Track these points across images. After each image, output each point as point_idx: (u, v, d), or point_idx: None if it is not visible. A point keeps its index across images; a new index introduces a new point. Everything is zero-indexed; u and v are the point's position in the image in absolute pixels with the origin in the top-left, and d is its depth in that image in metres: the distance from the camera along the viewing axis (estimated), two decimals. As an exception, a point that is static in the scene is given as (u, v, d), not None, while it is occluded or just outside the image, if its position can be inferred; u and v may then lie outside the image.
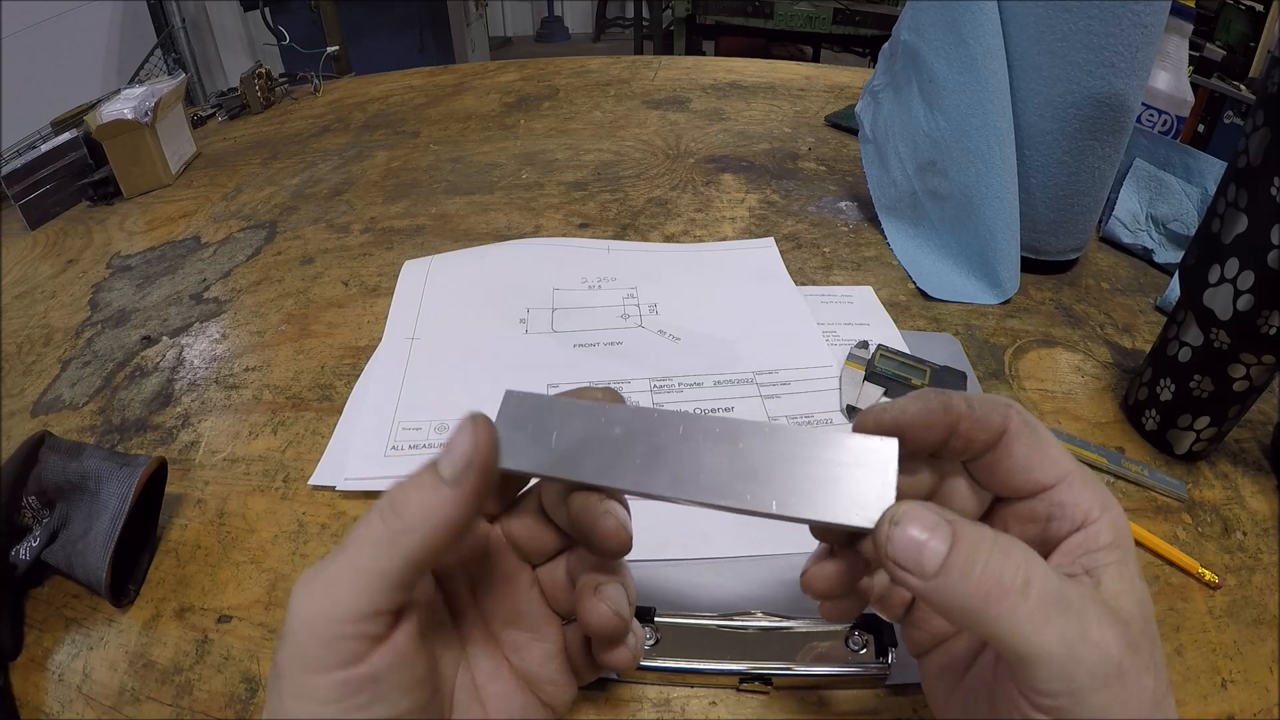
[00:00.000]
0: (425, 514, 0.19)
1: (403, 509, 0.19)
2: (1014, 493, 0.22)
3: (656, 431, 0.22)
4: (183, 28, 1.94)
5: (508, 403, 0.22)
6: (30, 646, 0.33)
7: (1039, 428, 0.22)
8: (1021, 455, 0.22)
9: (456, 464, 0.20)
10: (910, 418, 0.22)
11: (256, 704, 0.31)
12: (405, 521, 0.19)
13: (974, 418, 0.22)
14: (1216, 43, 1.35)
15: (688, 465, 0.21)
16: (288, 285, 0.57)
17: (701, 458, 0.21)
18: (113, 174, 0.71)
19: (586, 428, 0.22)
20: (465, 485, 0.19)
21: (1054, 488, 0.21)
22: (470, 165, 0.74)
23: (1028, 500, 0.22)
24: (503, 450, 0.21)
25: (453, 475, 0.19)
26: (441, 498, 0.19)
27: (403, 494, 0.19)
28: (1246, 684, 0.31)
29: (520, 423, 0.22)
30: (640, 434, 0.22)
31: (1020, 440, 0.22)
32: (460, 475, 0.19)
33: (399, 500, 0.19)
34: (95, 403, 0.47)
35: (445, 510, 0.19)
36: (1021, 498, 0.22)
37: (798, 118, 0.85)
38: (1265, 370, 0.37)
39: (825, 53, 2.32)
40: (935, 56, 0.55)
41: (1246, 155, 0.34)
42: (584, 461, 0.22)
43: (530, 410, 0.22)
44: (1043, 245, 0.56)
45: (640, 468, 0.21)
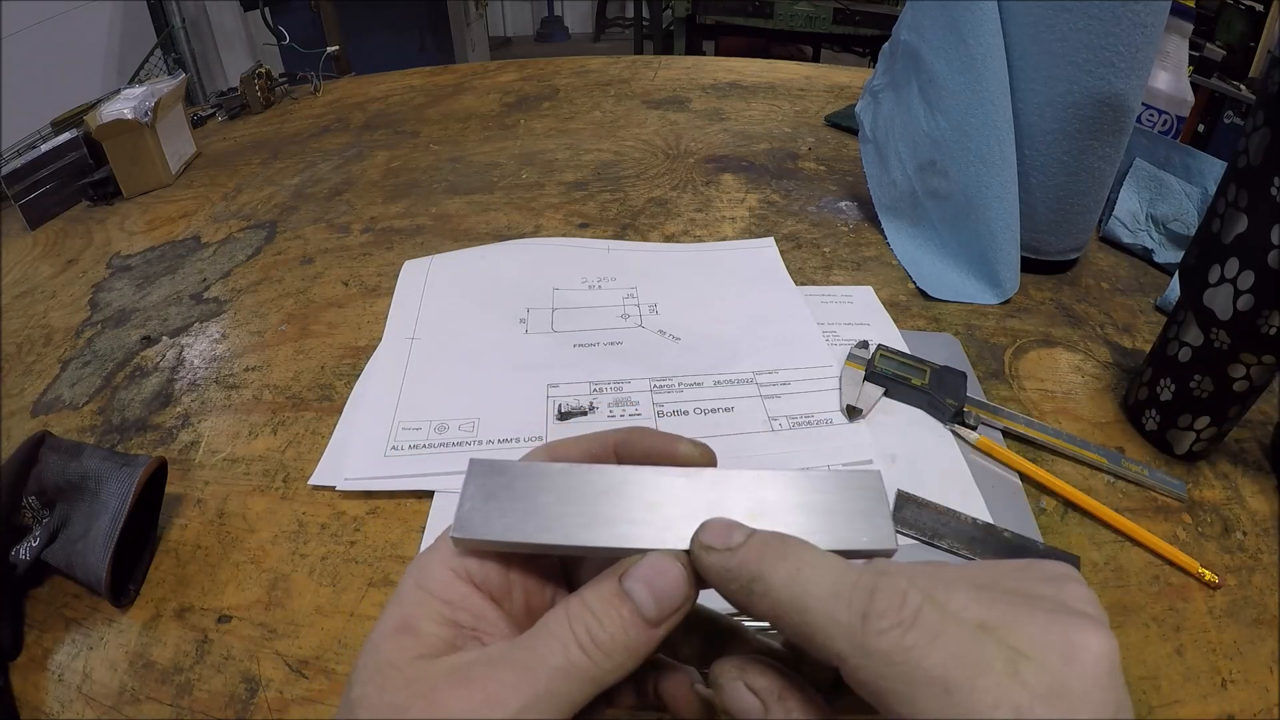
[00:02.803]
0: (629, 653, 0.19)
1: (606, 646, 0.18)
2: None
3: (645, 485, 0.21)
4: (183, 28, 1.94)
5: (474, 472, 0.21)
6: (30, 646, 0.33)
7: (932, 684, 0.16)
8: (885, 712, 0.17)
9: (664, 608, 0.19)
10: (710, 581, 0.20)
11: (256, 704, 0.31)
12: (611, 660, 0.18)
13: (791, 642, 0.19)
14: (1216, 43, 1.35)
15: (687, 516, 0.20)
16: (288, 285, 0.57)
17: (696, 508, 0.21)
18: (113, 174, 0.71)
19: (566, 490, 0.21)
20: (668, 625, 0.19)
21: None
22: (470, 165, 0.74)
23: None
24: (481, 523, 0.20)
25: (658, 617, 0.19)
26: (645, 636, 0.19)
27: (602, 630, 0.19)
28: (1246, 684, 0.31)
29: (492, 493, 0.21)
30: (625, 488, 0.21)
31: (893, 701, 0.16)
32: (665, 617, 0.19)
33: (599, 636, 0.18)
34: (95, 403, 0.47)
35: (647, 647, 0.19)
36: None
37: (798, 118, 0.85)
38: (1265, 370, 0.37)
39: (825, 53, 2.32)
40: (935, 56, 0.55)
41: (1246, 155, 0.34)
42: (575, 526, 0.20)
43: (501, 479, 0.21)
44: (1043, 245, 0.56)
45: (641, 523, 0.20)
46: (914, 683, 0.16)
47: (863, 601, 0.16)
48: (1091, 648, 0.16)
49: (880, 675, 0.16)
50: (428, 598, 0.20)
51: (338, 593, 0.35)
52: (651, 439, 0.23)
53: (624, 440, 0.23)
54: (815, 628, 0.17)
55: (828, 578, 0.17)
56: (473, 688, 0.18)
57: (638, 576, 0.19)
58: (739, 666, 0.20)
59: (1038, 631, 0.16)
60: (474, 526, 0.20)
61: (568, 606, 0.19)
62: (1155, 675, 0.32)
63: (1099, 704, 0.15)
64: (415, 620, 0.19)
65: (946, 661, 0.15)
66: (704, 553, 0.19)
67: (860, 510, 0.21)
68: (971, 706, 0.15)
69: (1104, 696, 0.16)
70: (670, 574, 0.19)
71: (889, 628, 0.16)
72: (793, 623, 0.17)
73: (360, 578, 0.35)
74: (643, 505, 0.20)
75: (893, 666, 0.16)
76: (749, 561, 0.18)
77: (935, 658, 0.16)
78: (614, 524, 0.20)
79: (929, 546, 0.36)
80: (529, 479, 0.21)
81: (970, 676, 0.15)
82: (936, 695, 0.15)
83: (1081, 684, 0.16)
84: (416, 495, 0.39)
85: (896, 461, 0.41)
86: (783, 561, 0.18)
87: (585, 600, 0.19)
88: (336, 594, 0.35)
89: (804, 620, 0.17)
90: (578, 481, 0.21)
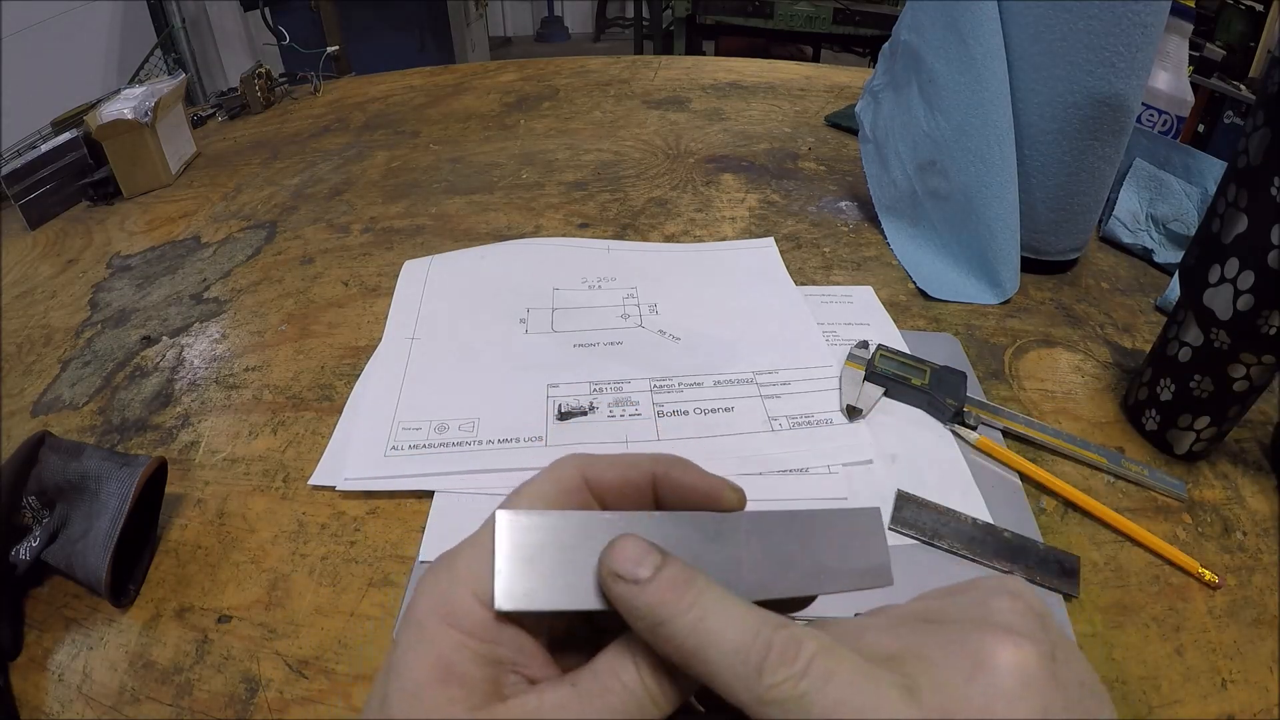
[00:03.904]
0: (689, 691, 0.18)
1: (671, 692, 0.18)
2: None
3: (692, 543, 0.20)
4: (183, 28, 1.94)
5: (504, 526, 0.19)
6: (30, 646, 0.33)
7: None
8: None
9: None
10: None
11: (256, 704, 0.31)
12: (676, 702, 0.18)
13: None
14: (1216, 43, 1.34)
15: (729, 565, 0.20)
16: (288, 285, 0.57)
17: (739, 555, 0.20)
18: (113, 174, 0.71)
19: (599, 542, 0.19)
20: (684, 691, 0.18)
21: None
22: (470, 165, 0.74)
23: None
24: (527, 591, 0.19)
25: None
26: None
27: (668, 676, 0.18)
28: (1246, 684, 0.31)
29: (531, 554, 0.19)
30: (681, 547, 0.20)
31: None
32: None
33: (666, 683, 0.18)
34: (95, 403, 0.47)
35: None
36: None
37: (798, 118, 0.85)
38: (1265, 370, 0.37)
39: (825, 53, 2.32)
40: (935, 56, 0.55)
41: (1246, 155, 0.34)
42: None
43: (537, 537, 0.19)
44: (1043, 245, 0.56)
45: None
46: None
47: (760, 655, 0.17)
48: (1001, 660, 0.16)
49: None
50: (465, 638, 0.18)
51: (338, 593, 0.35)
52: (695, 477, 0.22)
53: (665, 474, 0.22)
54: (717, 678, 0.17)
55: (730, 630, 0.17)
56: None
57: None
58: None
59: (941, 654, 0.16)
60: (520, 593, 0.18)
61: (631, 649, 0.18)
62: (1155, 675, 0.32)
63: (1006, 714, 0.16)
64: (456, 665, 0.18)
65: (838, 702, 0.16)
66: (611, 581, 0.18)
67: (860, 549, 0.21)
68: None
69: (1013, 707, 0.16)
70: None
71: (782, 680, 0.16)
72: (696, 670, 0.17)
73: (360, 578, 0.35)
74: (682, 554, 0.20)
75: (789, 714, 0.16)
76: (654, 605, 0.17)
77: (827, 700, 0.16)
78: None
79: (929, 547, 0.36)
80: (569, 531, 0.19)
81: (861, 711, 0.16)
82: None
83: (984, 698, 0.16)
84: (416, 495, 0.39)
85: (896, 461, 0.41)
86: (688, 610, 0.17)
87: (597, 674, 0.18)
88: (337, 594, 0.35)
89: (707, 670, 0.17)
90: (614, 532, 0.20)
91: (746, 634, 0.17)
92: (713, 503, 0.22)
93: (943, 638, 0.17)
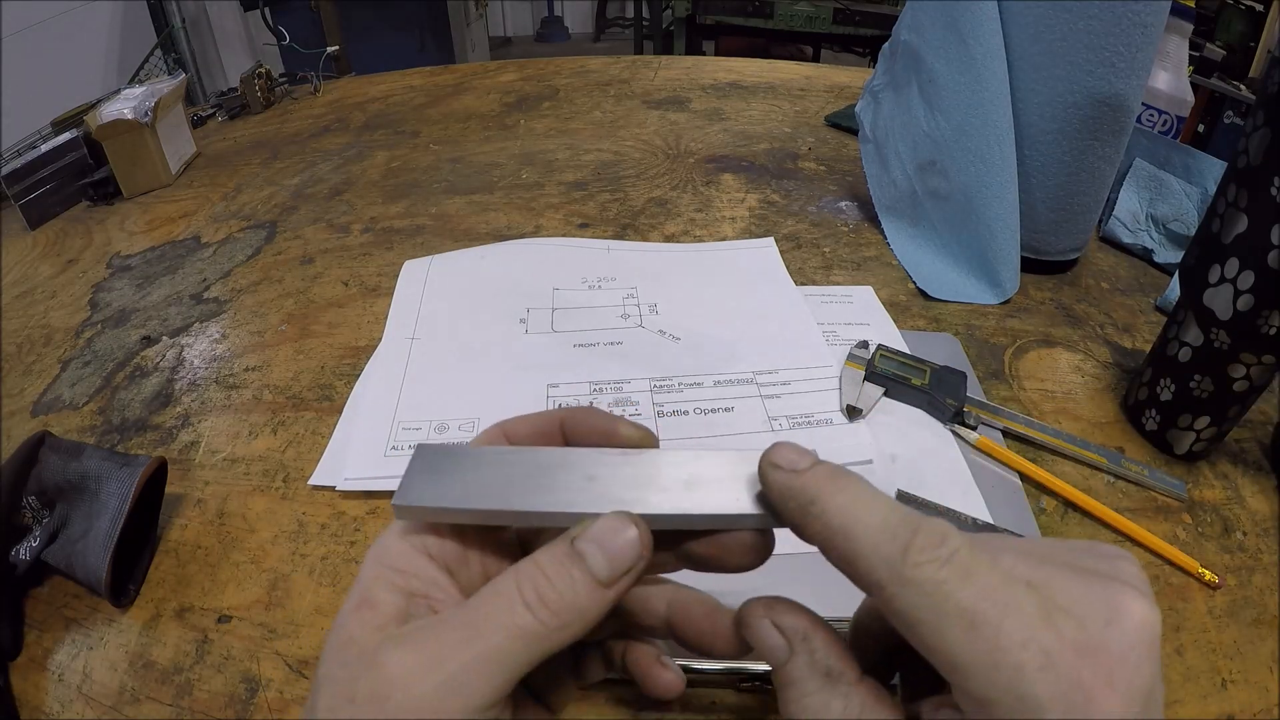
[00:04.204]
0: (579, 614, 0.19)
1: (555, 605, 0.18)
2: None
3: (584, 461, 0.22)
4: (183, 28, 1.94)
5: (420, 454, 0.22)
6: (30, 646, 0.33)
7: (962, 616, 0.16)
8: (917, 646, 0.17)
9: (616, 568, 0.19)
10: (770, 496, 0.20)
11: (256, 704, 0.31)
12: (559, 619, 0.18)
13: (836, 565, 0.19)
14: (1216, 43, 1.34)
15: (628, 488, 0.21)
16: (288, 285, 0.57)
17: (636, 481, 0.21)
18: (113, 174, 0.71)
19: (508, 465, 0.22)
20: (620, 587, 0.19)
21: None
22: (470, 165, 0.74)
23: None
24: (422, 492, 0.21)
25: (610, 577, 0.19)
26: (595, 598, 0.19)
27: (552, 589, 0.19)
28: (1246, 684, 0.31)
29: (436, 469, 0.21)
30: (565, 465, 0.22)
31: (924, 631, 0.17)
32: (618, 579, 0.19)
33: (549, 595, 0.19)
34: (95, 403, 0.47)
35: (598, 610, 0.19)
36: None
37: (798, 118, 0.85)
38: (1265, 370, 0.37)
39: (825, 53, 2.32)
40: (935, 56, 0.55)
41: (1246, 155, 0.34)
42: (516, 495, 0.21)
43: (446, 460, 0.22)
44: (1043, 245, 0.56)
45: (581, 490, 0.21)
46: (943, 615, 0.16)
47: (906, 536, 0.17)
48: (1135, 614, 0.16)
49: (913, 605, 0.16)
50: (383, 570, 0.20)
51: (338, 593, 0.35)
52: (595, 418, 0.24)
53: (569, 417, 0.24)
54: (859, 555, 0.17)
55: (879, 512, 0.18)
56: (415, 649, 0.18)
57: (590, 537, 0.19)
58: (766, 605, 0.20)
59: (1080, 593, 0.16)
60: (415, 495, 0.20)
61: (518, 567, 0.19)
62: (1155, 675, 0.32)
63: (1136, 667, 0.16)
64: (372, 593, 0.19)
65: (976, 598, 0.16)
66: (770, 470, 0.19)
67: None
68: (998, 643, 0.15)
69: (1142, 662, 0.16)
70: (624, 534, 0.19)
71: (925, 561, 0.17)
72: (839, 548, 0.18)
73: (360, 578, 0.35)
74: (582, 478, 0.21)
75: (925, 597, 0.16)
76: (809, 485, 0.19)
77: (965, 594, 0.16)
78: (555, 493, 0.21)
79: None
80: (472, 457, 0.22)
81: (999, 615, 0.16)
82: (963, 628, 0.16)
83: (1120, 646, 0.16)
84: (416, 495, 0.39)
85: (896, 461, 0.41)
86: (840, 491, 0.18)
87: (536, 560, 0.19)
88: (336, 594, 0.35)
89: (850, 547, 0.18)
90: (519, 459, 0.22)
91: (893, 516, 0.18)
92: (610, 437, 0.23)
93: (1078, 579, 0.17)
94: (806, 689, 0.19)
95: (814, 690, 0.18)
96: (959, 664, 0.16)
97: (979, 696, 0.16)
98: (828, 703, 0.18)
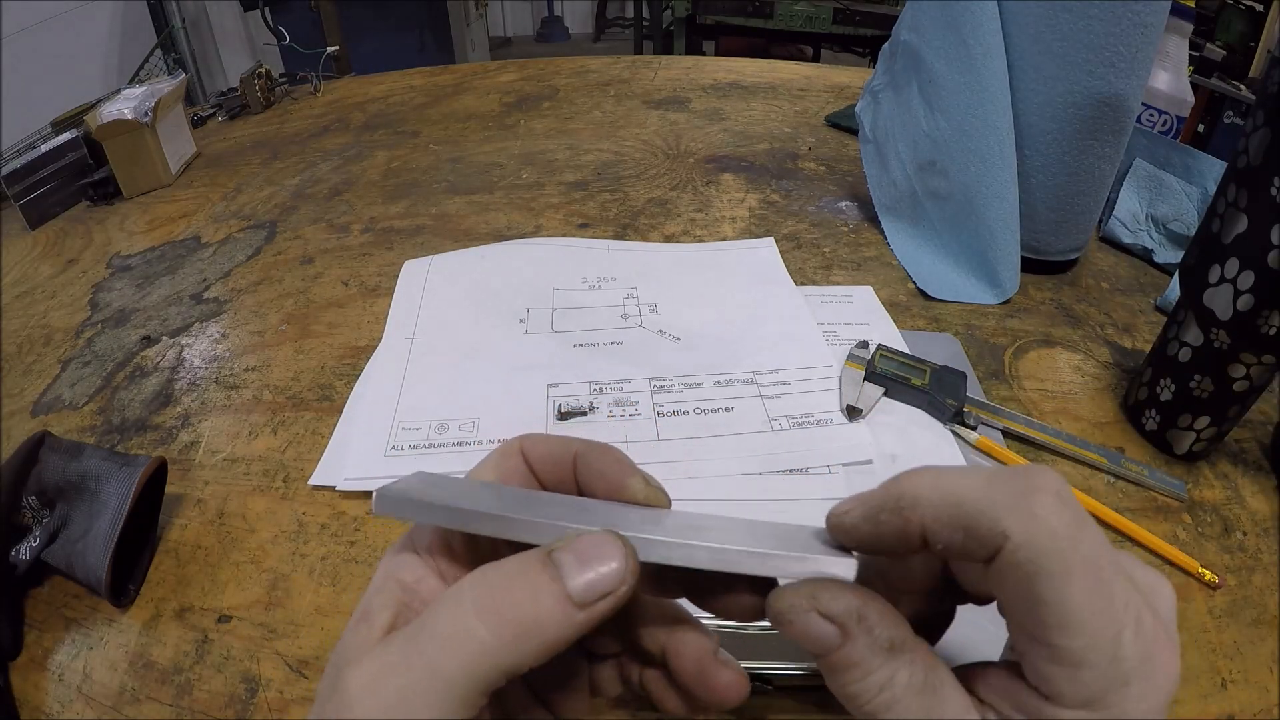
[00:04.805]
0: (538, 630, 0.16)
1: (516, 619, 0.16)
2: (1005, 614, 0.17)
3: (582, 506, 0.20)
4: (183, 28, 1.94)
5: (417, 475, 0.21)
6: (30, 646, 0.33)
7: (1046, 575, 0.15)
8: (1003, 596, 0.17)
9: (595, 589, 0.17)
10: (855, 542, 0.19)
11: (256, 704, 0.31)
12: (516, 633, 0.16)
13: (944, 544, 0.17)
14: (1216, 43, 1.34)
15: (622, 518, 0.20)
16: (288, 285, 0.57)
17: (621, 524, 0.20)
18: (113, 174, 0.71)
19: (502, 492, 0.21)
20: (595, 611, 0.17)
21: (1036, 645, 0.16)
22: (470, 165, 0.74)
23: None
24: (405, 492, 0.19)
25: (584, 598, 0.17)
26: (561, 615, 0.16)
27: (514, 602, 0.16)
28: (1246, 684, 0.31)
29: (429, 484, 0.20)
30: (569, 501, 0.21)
31: (1005, 581, 0.16)
32: (594, 601, 0.17)
33: (508, 607, 0.16)
34: (95, 403, 0.47)
35: (562, 630, 0.16)
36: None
37: (798, 118, 0.85)
38: (1265, 370, 0.37)
39: (825, 53, 2.32)
40: (935, 56, 0.55)
41: (1246, 155, 0.34)
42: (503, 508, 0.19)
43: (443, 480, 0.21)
44: (1043, 245, 0.56)
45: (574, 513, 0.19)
46: (1071, 565, 0.15)
47: (1022, 479, 0.16)
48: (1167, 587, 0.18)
49: (1042, 551, 0.15)
50: (388, 582, 0.19)
51: (338, 593, 0.35)
52: (607, 462, 0.21)
53: (585, 451, 0.22)
54: (978, 513, 0.16)
55: (970, 473, 0.17)
56: (368, 666, 0.16)
57: (570, 548, 0.17)
58: (808, 595, 0.18)
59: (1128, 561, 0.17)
60: (398, 490, 0.19)
61: (480, 569, 0.17)
62: (1155, 675, 0.32)
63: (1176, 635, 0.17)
64: (371, 606, 0.19)
65: (1097, 549, 0.16)
66: (841, 516, 0.18)
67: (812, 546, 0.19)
68: (1113, 600, 0.15)
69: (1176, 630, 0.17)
70: (610, 551, 0.17)
71: (1051, 503, 0.16)
72: (952, 517, 0.17)
73: (360, 578, 0.35)
74: (578, 508, 0.20)
75: (1054, 542, 0.15)
76: (890, 487, 0.18)
77: (1087, 544, 0.16)
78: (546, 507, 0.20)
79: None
80: (469, 483, 0.21)
81: (1113, 570, 0.16)
82: (1090, 580, 0.15)
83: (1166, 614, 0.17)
84: (416, 495, 0.39)
85: (896, 461, 0.41)
86: (922, 474, 0.17)
87: (500, 564, 0.17)
88: (336, 594, 0.35)
89: (962, 511, 0.16)
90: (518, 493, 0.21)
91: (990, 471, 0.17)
92: (617, 490, 0.21)
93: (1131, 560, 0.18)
94: (870, 667, 0.17)
95: (878, 666, 0.17)
96: (1073, 619, 0.15)
97: (1078, 657, 0.15)
98: (893, 675, 0.17)
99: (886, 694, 0.17)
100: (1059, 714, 0.16)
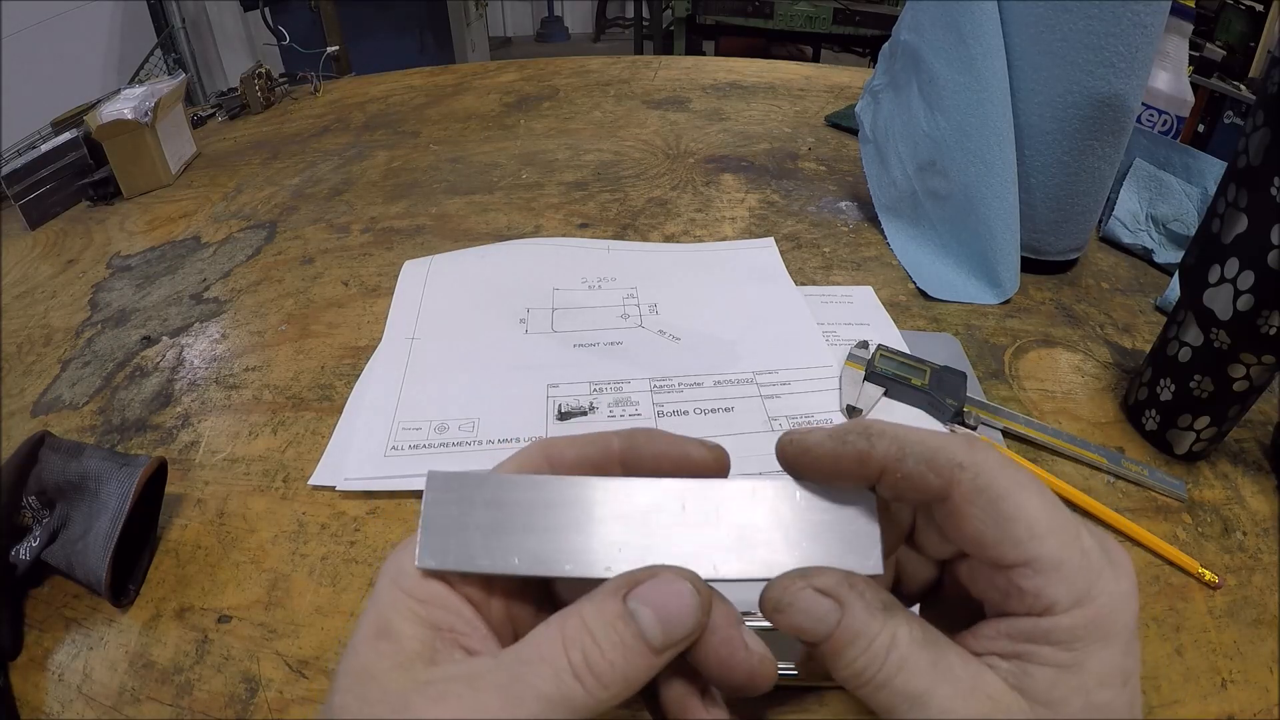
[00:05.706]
0: (627, 683, 0.17)
1: (606, 676, 0.17)
2: (974, 555, 0.19)
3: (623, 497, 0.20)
4: (183, 28, 1.94)
5: (434, 487, 0.20)
6: (30, 646, 0.33)
7: (1005, 494, 0.18)
8: (972, 527, 0.18)
9: (672, 635, 0.18)
10: (813, 458, 0.20)
11: (256, 704, 0.31)
12: (609, 692, 0.17)
13: (903, 473, 0.19)
14: (1216, 43, 1.34)
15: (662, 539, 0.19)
16: (288, 285, 0.57)
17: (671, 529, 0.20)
18: (113, 174, 0.71)
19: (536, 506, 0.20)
20: (672, 652, 0.18)
21: (1014, 569, 0.18)
22: (470, 165, 0.74)
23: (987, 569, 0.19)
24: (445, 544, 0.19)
25: (664, 644, 0.18)
26: (646, 664, 0.17)
27: (602, 657, 0.17)
28: (1246, 684, 0.31)
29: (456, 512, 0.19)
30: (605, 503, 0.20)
31: (971, 508, 0.18)
32: (672, 645, 0.18)
33: (598, 663, 0.17)
34: (95, 403, 0.47)
35: (646, 675, 0.18)
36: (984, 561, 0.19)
37: (798, 118, 0.85)
38: (1265, 370, 0.37)
39: (825, 53, 2.32)
40: (935, 56, 0.55)
41: (1246, 155, 0.34)
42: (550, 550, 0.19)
43: (464, 490, 0.20)
44: (1043, 245, 0.56)
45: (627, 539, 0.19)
46: (1021, 481, 0.18)
47: (965, 436, 0.20)
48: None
49: (997, 475, 0.18)
50: (403, 597, 0.19)
51: (338, 593, 0.35)
52: (659, 444, 0.21)
53: (630, 445, 0.21)
54: (938, 448, 0.19)
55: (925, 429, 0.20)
56: (449, 707, 0.16)
57: (645, 598, 0.18)
58: (800, 575, 0.19)
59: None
60: (439, 550, 0.19)
61: (563, 625, 0.18)
62: (1155, 675, 0.32)
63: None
64: (392, 623, 0.18)
65: (1028, 474, 0.19)
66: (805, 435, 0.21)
67: (850, 533, 0.20)
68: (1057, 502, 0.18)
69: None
70: (683, 597, 0.18)
71: (988, 445, 0.19)
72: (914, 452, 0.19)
73: (360, 578, 0.35)
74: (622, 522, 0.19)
75: (1004, 466, 0.18)
76: (857, 420, 0.20)
77: (1021, 471, 0.19)
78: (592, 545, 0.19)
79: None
80: (492, 485, 0.20)
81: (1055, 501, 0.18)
82: (1036, 492, 0.18)
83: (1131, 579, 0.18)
84: (416, 495, 0.39)
85: (896, 461, 0.41)
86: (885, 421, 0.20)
87: (584, 619, 0.18)
88: (336, 594, 0.35)
89: (925, 446, 0.19)
90: (549, 496, 0.19)
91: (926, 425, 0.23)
92: (683, 467, 0.21)
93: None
94: (871, 631, 0.18)
95: (879, 628, 0.18)
96: (1041, 525, 0.18)
97: (1056, 557, 0.17)
98: (895, 633, 0.18)
99: (895, 654, 0.17)
100: (1060, 621, 0.17)
